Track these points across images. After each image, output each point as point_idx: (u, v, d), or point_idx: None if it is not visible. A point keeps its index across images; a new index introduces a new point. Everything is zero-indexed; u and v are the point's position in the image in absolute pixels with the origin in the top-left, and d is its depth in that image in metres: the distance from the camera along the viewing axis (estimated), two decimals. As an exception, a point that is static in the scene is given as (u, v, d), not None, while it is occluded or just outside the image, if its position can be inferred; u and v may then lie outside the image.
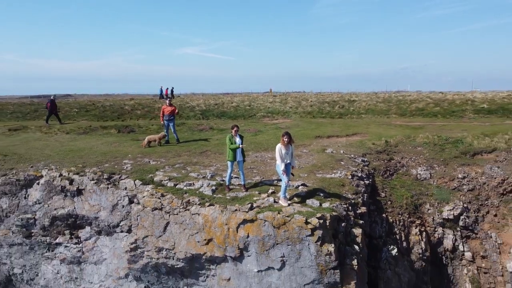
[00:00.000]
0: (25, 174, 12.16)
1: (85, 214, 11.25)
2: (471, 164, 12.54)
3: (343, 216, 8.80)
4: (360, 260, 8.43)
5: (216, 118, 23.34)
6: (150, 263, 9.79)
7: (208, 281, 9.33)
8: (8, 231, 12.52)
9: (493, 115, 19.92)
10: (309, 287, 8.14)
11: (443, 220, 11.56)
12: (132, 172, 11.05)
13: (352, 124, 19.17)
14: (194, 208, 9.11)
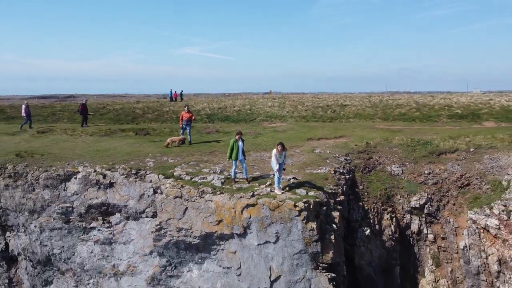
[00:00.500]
0: (64, 170, 14.41)
1: (116, 203, 13.50)
2: (436, 162, 14.77)
3: (325, 202, 11.06)
4: (337, 236, 10.69)
5: (220, 122, 25.60)
6: (172, 241, 12.03)
7: (218, 254, 11.58)
8: (49, 218, 14.77)
9: (463, 120, 22.11)
10: (297, 256, 10.40)
11: (411, 208, 13.80)
12: (155, 168, 13.31)
13: (340, 127, 21.43)
14: (208, 196, 11.37)
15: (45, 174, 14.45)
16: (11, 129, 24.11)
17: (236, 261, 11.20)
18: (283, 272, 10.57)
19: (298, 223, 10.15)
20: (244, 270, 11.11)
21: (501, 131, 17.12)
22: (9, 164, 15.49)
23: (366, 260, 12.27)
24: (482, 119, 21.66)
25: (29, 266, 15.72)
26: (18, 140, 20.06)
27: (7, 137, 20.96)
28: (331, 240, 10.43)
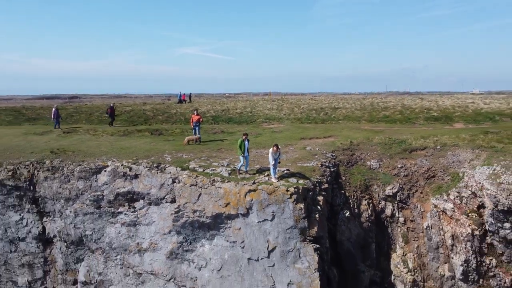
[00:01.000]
0: (95, 164, 16.92)
1: (140, 191, 16.01)
2: (408, 157, 17.26)
3: (311, 189, 13.59)
4: (320, 215, 13.23)
5: (225, 123, 28.13)
6: (188, 221, 14.56)
7: (226, 231, 14.11)
8: (82, 204, 17.28)
9: (438, 122, 24.56)
10: (289, 230, 12.93)
11: (385, 196, 16.31)
12: (172, 162, 15.83)
13: (330, 128, 23.91)
14: (217, 184, 13.90)
15: (79, 168, 16.97)
16: (37, 129, 26.67)
17: (240, 236, 13.73)
18: (278, 244, 13.11)
19: (290, 204, 12.69)
20: (246, 243, 13.65)
21: (465, 132, 19.66)
22: (46, 159, 18.02)
23: (346, 237, 14.79)
24: (454, 121, 24.19)
25: (63, 246, 18.23)
26: (47, 139, 22.59)
27: (36, 137, 23.49)
28: (316, 218, 12.97)
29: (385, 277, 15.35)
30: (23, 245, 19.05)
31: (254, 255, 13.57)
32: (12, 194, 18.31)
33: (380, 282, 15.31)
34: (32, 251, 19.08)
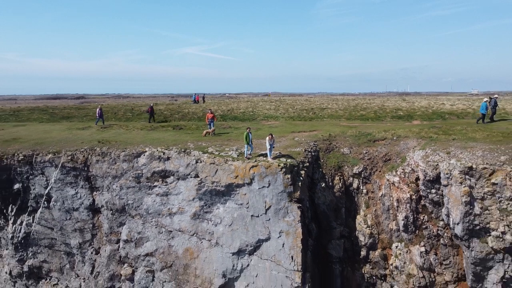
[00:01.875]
0: (136, 150, 21.98)
1: (171, 169, 21.06)
2: (371, 146, 22.31)
3: (296, 165, 18.67)
4: (302, 184, 18.31)
5: (231, 121, 33.20)
6: (207, 190, 19.62)
7: (235, 196, 19.17)
8: (126, 180, 22.32)
9: (401, 120, 29.62)
10: (280, 194, 18.00)
11: (353, 174, 21.36)
12: (195, 148, 20.90)
13: (316, 124, 28.98)
14: (229, 162, 18.97)
15: (123, 153, 22.04)
16: (77, 125, 31.74)
17: (246, 199, 18.82)
18: (272, 204, 18.19)
19: (280, 175, 17.78)
20: (250, 204, 18.73)
21: (417, 127, 24.73)
22: (96, 147, 23.08)
23: (322, 201, 19.88)
24: (413, 119, 29.25)
25: (109, 214, 23.29)
26: (90, 133, 27.65)
27: (79, 131, 28.54)
28: (299, 185, 18.06)
29: (352, 232, 20.43)
30: (76, 214, 24.13)
31: (255, 213, 18.66)
32: (70, 174, 23.40)
33: (347, 236, 20.41)
34: (83, 218, 24.15)
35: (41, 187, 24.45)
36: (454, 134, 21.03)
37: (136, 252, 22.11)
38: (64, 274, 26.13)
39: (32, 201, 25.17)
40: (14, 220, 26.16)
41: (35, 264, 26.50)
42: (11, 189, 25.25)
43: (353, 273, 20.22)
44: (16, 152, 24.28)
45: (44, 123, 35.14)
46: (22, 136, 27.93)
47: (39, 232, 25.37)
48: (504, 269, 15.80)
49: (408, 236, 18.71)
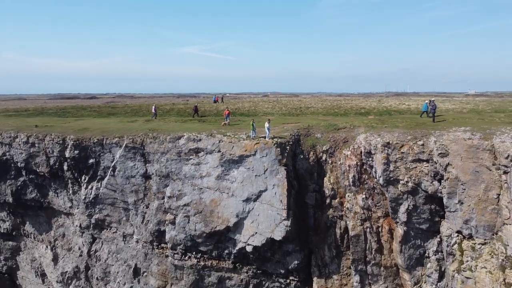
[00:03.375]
0: (177, 134, 31.39)
1: (201, 147, 30.48)
2: (336, 132, 31.61)
3: (284, 143, 28.11)
4: (287, 154, 27.77)
5: (239, 116, 42.58)
6: (226, 160, 29.05)
7: (244, 163, 28.58)
8: (170, 155, 31.71)
9: (361, 115, 38.96)
10: (273, 160, 27.42)
11: (323, 151, 30.72)
12: (218, 133, 30.35)
13: (300, 119, 38.28)
14: (241, 141, 28.41)
15: (169, 137, 31.47)
16: (126, 119, 41.10)
17: (251, 165, 28.25)
18: (268, 167, 27.65)
19: (274, 149, 27.26)
20: (254, 168, 28.17)
21: (368, 120, 34.17)
22: (149, 133, 32.52)
23: (301, 167, 29.33)
24: (369, 115, 38.68)
25: (157, 179, 32.70)
26: (138, 124, 37.07)
27: (130, 123, 37.95)
28: (285, 155, 27.52)
29: (320, 187, 29.80)
30: (133, 180, 33.57)
31: (257, 173, 28.10)
32: (130, 151, 32.83)
33: (318, 190, 29.84)
34: (138, 183, 33.58)
35: (109, 161, 33.96)
36: (387, 124, 30.50)
37: (176, 204, 31.57)
38: (121, 224, 35.62)
39: (101, 172, 34.67)
40: (86, 186, 35.67)
41: (100, 218, 35.98)
42: (87, 163, 34.75)
43: (321, 215, 29.68)
44: (91, 137, 33.78)
45: (96, 118, 44.56)
46: (88, 127, 37.40)
47: (105, 194, 34.85)
48: (407, 204, 25.27)
49: (355, 188, 28.13)
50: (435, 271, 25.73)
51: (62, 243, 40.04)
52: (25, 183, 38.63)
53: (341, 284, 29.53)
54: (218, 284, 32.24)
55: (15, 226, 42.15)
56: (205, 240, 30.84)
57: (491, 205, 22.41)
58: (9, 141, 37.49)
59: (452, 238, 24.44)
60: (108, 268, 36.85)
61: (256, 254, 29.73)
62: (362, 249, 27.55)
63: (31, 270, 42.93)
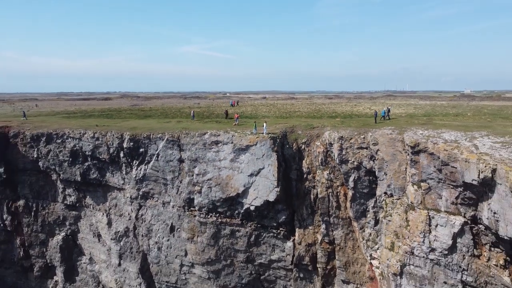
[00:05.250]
0: (203, 131, 43.73)
1: (219, 140, 42.80)
2: (312, 130, 43.80)
3: (275, 137, 40.54)
4: (278, 144, 40.22)
5: (244, 118, 54.82)
6: (237, 148, 41.37)
7: (249, 150, 40.94)
8: (198, 145, 44.00)
9: (331, 118, 51.20)
10: (268, 148, 39.84)
11: (302, 142, 42.95)
12: (231, 130, 42.80)
13: (288, 120, 50.55)
14: (247, 136, 40.82)
15: (197, 133, 43.89)
16: (161, 121, 53.48)
17: (254, 152, 40.69)
18: (265, 153, 40.07)
19: (269, 140, 39.73)
20: (255, 153, 40.61)
21: (334, 121, 46.56)
22: (183, 130, 44.97)
23: (287, 153, 41.77)
24: (337, 117, 51.00)
25: (188, 162, 45.12)
26: (172, 124, 49.45)
27: (166, 124, 50.30)
28: (276, 145, 39.99)
29: (300, 167, 42.19)
30: (171, 163, 46.01)
31: (258, 157, 40.56)
32: (169, 143, 45.28)
33: (298, 169, 42.26)
34: (175, 165, 46.01)
35: (154, 150, 46.42)
36: (344, 124, 42.95)
37: (202, 179, 44.02)
38: (161, 195, 48.07)
39: (148, 157, 47.12)
40: (137, 168, 48.09)
41: (146, 191, 48.43)
42: (138, 151, 47.17)
43: (301, 185, 42.13)
44: (141, 133, 46.24)
45: (138, 119, 56.96)
46: (136, 126, 49.82)
47: (150, 173, 47.29)
48: (354, 176, 37.70)
49: (323, 167, 40.54)
50: (372, 219, 38.21)
51: (115, 211, 52.49)
52: (89, 166, 51.03)
53: (314, 232, 42.05)
54: (230, 235, 44.70)
55: (78, 199, 54.57)
56: (222, 204, 43.31)
57: (402, 175, 34.88)
58: (79, 136, 49.93)
59: (382, 197, 36.92)
60: (151, 227, 49.32)
61: (256, 212, 42.22)
62: (327, 207, 40.03)
63: (90, 232, 55.40)
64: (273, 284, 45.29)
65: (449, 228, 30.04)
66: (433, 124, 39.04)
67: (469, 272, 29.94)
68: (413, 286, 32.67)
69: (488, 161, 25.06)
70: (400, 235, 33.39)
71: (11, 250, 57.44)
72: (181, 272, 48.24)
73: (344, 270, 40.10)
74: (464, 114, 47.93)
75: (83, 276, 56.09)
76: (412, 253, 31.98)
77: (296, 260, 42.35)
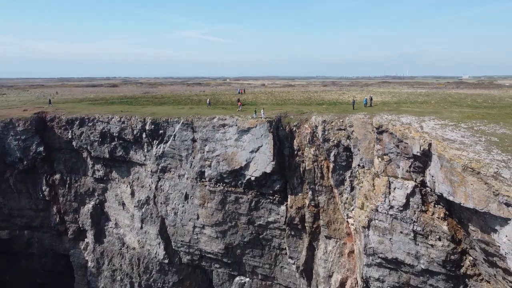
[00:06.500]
0: (212, 116, 51.61)
1: (226, 123, 50.71)
2: (301, 115, 51.57)
3: (272, 121, 48.52)
4: (273, 126, 48.26)
5: (246, 105, 62.69)
6: (240, 130, 49.32)
7: (250, 131, 48.87)
8: (208, 127, 51.93)
9: (318, 105, 58.93)
10: (266, 129, 47.83)
11: (294, 125, 51.00)
12: (235, 115, 50.70)
13: (283, 106, 58.27)
14: (248, 120, 48.74)
15: (207, 117, 51.78)
16: (176, 107, 61.33)
17: (255, 132, 48.67)
18: (263, 133, 48.03)
19: (266, 123, 47.70)
20: (255, 134, 48.61)
21: (321, 107, 54.37)
22: (196, 115, 52.86)
23: (281, 134, 49.54)
24: (323, 105, 58.79)
25: (200, 141, 53.13)
26: (185, 110, 57.26)
27: (179, 110, 58.08)
28: (272, 126, 48.02)
29: (292, 145, 50.28)
30: (185, 142, 53.86)
31: (257, 137, 48.54)
32: (184, 125, 53.19)
33: (290, 146, 50.35)
34: (189, 143, 53.95)
35: (171, 132, 54.42)
36: (328, 110, 50.85)
37: (212, 155, 52.16)
38: (177, 169, 56.30)
39: (166, 138, 55.15)
40: (157, 146, 56.20)
41: (164, 165, 56.63)
42: (158, 133, 55.18)
43: (292, 160, 50.30)
44: (161, 117, 54.17)
45: (155, 106, 64.73)
46: (155, 112, 57.68)
47: (168, 151, 55.41)
48: (334, 152, 45.83)
49: (310, 145, 48.60)
50: (348, 186, 46.51)
51: (137, 183, 60.78)
52: (115, 146, 59.06)
53: (303, 198, 50.41)
54: (235, 201, 53.08)
55: (105, 174, 62.78)
56: (228, 175, 51.53)
57: (371, 150, 42.99)
58: (107, 120, 57.83)
59: (356, 168, 45.12)
60: (168, 195, 57.67)
61: (256, 182, 50.48)
62: (313, 177, 48.29)
63: (115, 202, 63.81)
64: (270, 241, 53.87)
65: (404, 190, 38.17)
66: (398, 110, 46.92)
67: (418, 224, 38.17)
68: (377, 236, 41.09)
69: (426, 138, 33.11)
70: (368, 197, 41.67)
71: (48, 217, 65.97)
72: (194, 232, 56.78)
73: (326, 227, 48.59)
74: (428, 102, 55.72)
75: (110, 238, 64.76)
76: (376, 210, 40.23)
77: (288, 221, 50.81)
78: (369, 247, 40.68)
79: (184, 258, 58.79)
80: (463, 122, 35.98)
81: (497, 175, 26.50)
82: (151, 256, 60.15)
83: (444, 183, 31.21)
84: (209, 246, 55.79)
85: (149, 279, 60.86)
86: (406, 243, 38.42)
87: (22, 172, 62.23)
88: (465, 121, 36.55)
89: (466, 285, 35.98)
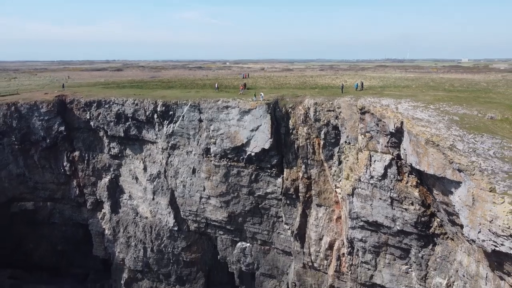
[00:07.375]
0: (216, 99, 56.90)
1: (229, 105, 55.88)
2: (296, 97, 56.66)
3: (270, 103, 53.71)
4: (271, 108, 53.44)
5: (247, 90, 67.72)
6: (242, 111, 54.61)
7: (250, 112, 53.97)
8: (213, 109, 57.18)
9: (312, 89, 63.69)
10: (264, 111, 53.08)
11: (289, 107, 56.13)
12: (237, 98, 56.00)
13: (280, 90, 63.03)
14: (249, 102, 53.85)
15: (212, 100, 56.89)
16: (183, 90, 66.43)
17: (254, 113, 53.81)
18: (262, 114, 53.16)
19: (264, 105, 52.84)
20: (255, 115, 53.79)
21: (314, 91, 59.53)
22: (203, 98, 58.06)
23: (278, 115, 54.66)
24: (317, 88, 63.77)
25: (206, 121, 58.36)
26: (193, 93, 62.31)
27: (187, 93, 63.07)
28: (270, 108, 53.26)
29: (288, 125, 55.63)
30: (193, 122, 59.20)
31: (256, 117, 53.75)
32: (192, 107, 58.28)
33: (286, 126, 55.75)
34: (196, 123, 59.14)
35: (180, 112, 59.69)
36: (319, 93, 56.01)
37: (216, 133, 57.56)
38: (185, 146, 61.80)
39: (176, 118, 60.44)
40: (167, 126, 61.57)
41: (174, 143, 62.11)
42: (168, 113, 60.35)
43: (288, 137, 55.73)
44: (171, 100, 59.35)
45: (164, 90, 69.76)
46: (165, 95, 62.71)
47: (177, 130, 60.78)
48: (325, 130, 51.23)
49: (303, 124, 53.90)
50: (337, 160, 52.13)
51: (149, 159, 66.37)
52: (129, 125, 64.36)
53: (297, 171, 56.10)
54: (237, 174, 58.76)
55: (120, 151, 68.27)
56: (231, 152, 57.08)
57: (355, 129, 48.39)
58: (122, 102, 62.98)
59: (343, 144, 50.65)
60: (177, 170, 63.34)
61: (256, 157, 56.06)
62: (306, 153, 53.87)
63: (129, 176, 69.54)
64: (268, 210, 59.86)
65: (382, 163, 43.71)
66: (380, 94, 52.13)
67: (395, 191, 43.83)
68: (360, 202, 46.88)
69: (399, 117, 38.52)
70: (353, 169, 47.32)
71: (69, 189, 71.86)
72: (200, 203, 62.73)
73: (317, 197, 54.48)
74: (410, 86, 60.85)
75: (125, 208, 70.82)
76: (359, 180, 45.90)
77: (284, 191, 56.64)
78: (353, 211, 46.47)
79: (192, 225, 64.93)
80: (432, 104, 41.26)
81: (452, 147, 32.00)
82: (162, 224, 66.26)
83: (412, 155, 36.72)
84: (214, 214, 61.80)
85: (160, 244, 67.15)
86: (384, 207, 43.98)
87: (46, 149, 67.73)
88: (434, 103, 41.82)
89: (434, 243, 41.68)
